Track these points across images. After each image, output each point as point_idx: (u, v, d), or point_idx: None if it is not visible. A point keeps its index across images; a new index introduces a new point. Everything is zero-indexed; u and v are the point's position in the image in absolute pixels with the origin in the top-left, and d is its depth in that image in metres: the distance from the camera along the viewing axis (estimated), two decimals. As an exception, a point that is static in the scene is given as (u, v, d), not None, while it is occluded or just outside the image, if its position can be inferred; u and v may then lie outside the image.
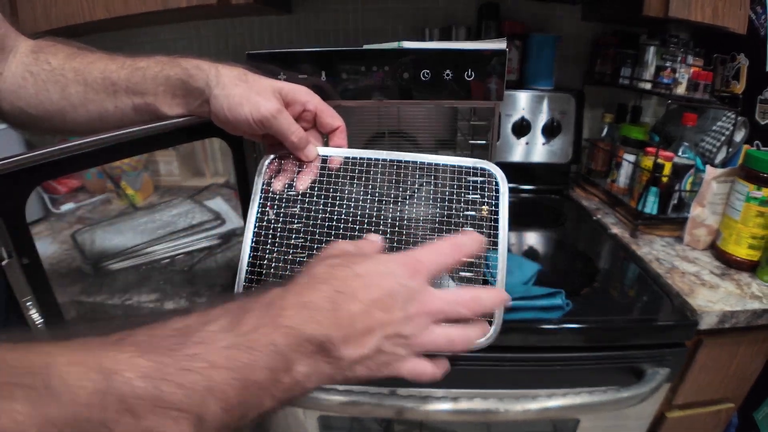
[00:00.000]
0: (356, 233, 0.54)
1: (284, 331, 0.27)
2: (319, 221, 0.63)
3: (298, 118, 0.48)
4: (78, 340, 0.23)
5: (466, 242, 0.35)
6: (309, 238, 0.56)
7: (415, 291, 0.31)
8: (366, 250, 0.36)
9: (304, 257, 0.58)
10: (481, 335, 0.37)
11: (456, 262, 0.35)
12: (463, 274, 0.69)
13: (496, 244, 0.50)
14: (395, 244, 0.61)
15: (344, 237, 0.53)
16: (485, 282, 0.70)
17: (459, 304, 0.33)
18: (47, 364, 0.21)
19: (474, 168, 0.50)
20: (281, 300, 0.28)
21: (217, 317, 0.26)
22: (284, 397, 0.28)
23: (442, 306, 0.32)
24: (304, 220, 0.65)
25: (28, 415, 0.19)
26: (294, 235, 0.70)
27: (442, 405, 0.63)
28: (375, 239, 0.39)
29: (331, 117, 0.50)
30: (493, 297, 0.35)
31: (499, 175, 0.49)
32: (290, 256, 0.71)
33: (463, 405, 0.63)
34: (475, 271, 0.67)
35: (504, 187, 0.48)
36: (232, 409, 0.24)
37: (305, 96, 0.48)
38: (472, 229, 0.38)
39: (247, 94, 0.45)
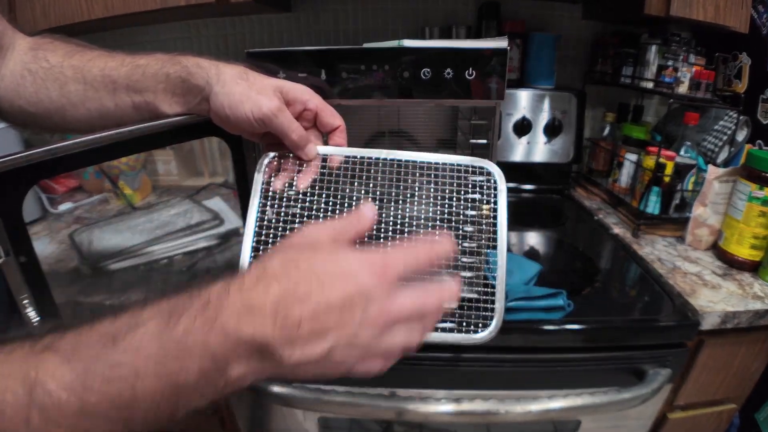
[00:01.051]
0: None
1: (219, 334, 0.25)
2: (320, 222, 0.63)
3: (298, 117, 0.48)
4: (6, 348, 0.22)
5: (439, 245, 0.33)
6: None
7: (376, 297, 0.29)
8: (343, 235, 0.32)
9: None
10: (424, 336, 0.34)
11: (428, 265, 0.32)
12: (464, 274, 0.69)
13: (496, 242, 0.50)
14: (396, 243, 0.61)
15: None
16: (485, 279, 0.70)
17: (424, 313, 0.32)
18: None
19: (472, 166, 0.50)
20: (222, 298, 0.26)
21: (147, 320, 0.25)
22: (217, 395, 0.27)
23: (406, 313, 0.30)
24: (305, 219, 0.64)
25: None
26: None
27: (442, 406, 0.62)
28: (367, 212, 0.34)
29: (331, 116, 0.50)
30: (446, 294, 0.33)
31: (497, 173, 0.49)
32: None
33: (464, 406, 0.62)
34: (476, 268, 0.67)
35: (502, 185, 0.48)
36: (160, 411, 0.24)
37: (306, 95, 0.48)
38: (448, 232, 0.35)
39: (248, 92, 0.45)
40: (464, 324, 0.48)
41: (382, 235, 0.54)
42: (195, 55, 0.48)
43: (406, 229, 0.68)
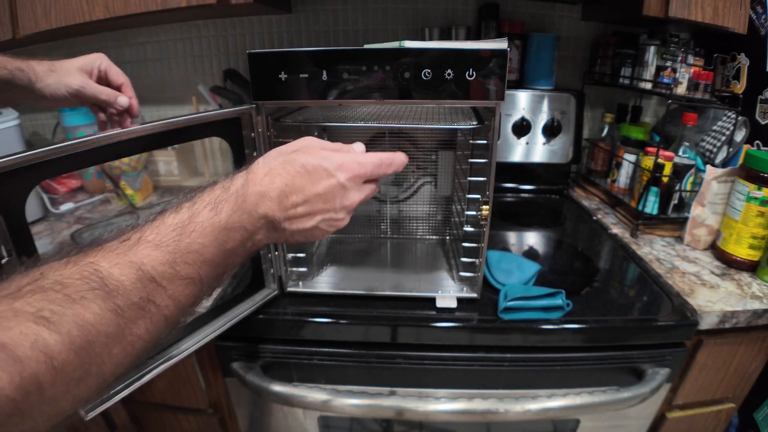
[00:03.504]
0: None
1: (248, 214, 0.37)
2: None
3: (101, 79, 0.62)
4: (105, 248, 0.31)
5: (397, 160, 0.46)
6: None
7: (349, 190, 0.42)
8: (329, 146, 0.44)
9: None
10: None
11: (388, 172, 0.45)
12: (462, 274, 0.69)
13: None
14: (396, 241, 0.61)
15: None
16: (485, 280, 0.71)
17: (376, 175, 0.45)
18: (95, 270, 0.29)
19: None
20: (245, 189, 0.38)
21: (202, 209, 0.36)
22: (249, 254, 0.40)
23: (365, 196, 0.45)
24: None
25: (102, 309, 0.28)
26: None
27: (441, 405, 0.63)
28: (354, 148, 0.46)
29: (115, 75, 0.63)
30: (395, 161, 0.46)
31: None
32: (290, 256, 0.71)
33: (463, 405, 0.63)
34: (476, 269, 0.67)
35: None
36: (218, 269, 0.36)
37: (97, 61, 0.62)
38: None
39: (59, 79, 0.59)
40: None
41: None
42: (12, 56, 0.59)
43: (405, 230, 0.69)
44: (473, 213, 0.65)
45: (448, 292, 0.67)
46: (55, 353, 0.25)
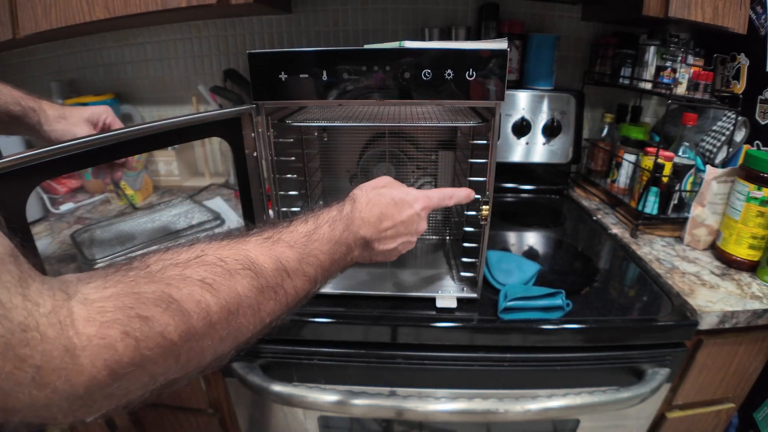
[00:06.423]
0: None
1: (353, 234, 0.47)
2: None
3: (104, 130, 0.67)
4: (251, 240, 0.39)
5: (458, 193, 0.57)
6: None
7: (421, 218, 0.53)
8: (397, 183, 0.55)
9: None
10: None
11: (447, 205, 0.57)
12: (462, 274, 0.70)
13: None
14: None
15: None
16: (485, 280, 0.71)
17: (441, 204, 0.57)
18: (247, 256, 0.36)
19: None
20: (353, 214, 0.48)
21: (323, 224, 0.45)
22: (346, 266, 0.48)
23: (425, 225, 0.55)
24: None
25: (251, 285, 0.35)
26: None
27: (441, 405, 0.63)
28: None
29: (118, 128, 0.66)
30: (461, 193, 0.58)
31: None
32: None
33: (463, 405, 0.63)
34: (476, 269, 0.67)
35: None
36: (326, 274, 0.44)
37: (103, 114, 0.68)
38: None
39: (66, 127, 0.63)
40: None
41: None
42: (26, 94, 0.62)
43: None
44: (473, 213, 0.65)
45: (448, 292, 0.67)
46: (213, 312, 0.31)
